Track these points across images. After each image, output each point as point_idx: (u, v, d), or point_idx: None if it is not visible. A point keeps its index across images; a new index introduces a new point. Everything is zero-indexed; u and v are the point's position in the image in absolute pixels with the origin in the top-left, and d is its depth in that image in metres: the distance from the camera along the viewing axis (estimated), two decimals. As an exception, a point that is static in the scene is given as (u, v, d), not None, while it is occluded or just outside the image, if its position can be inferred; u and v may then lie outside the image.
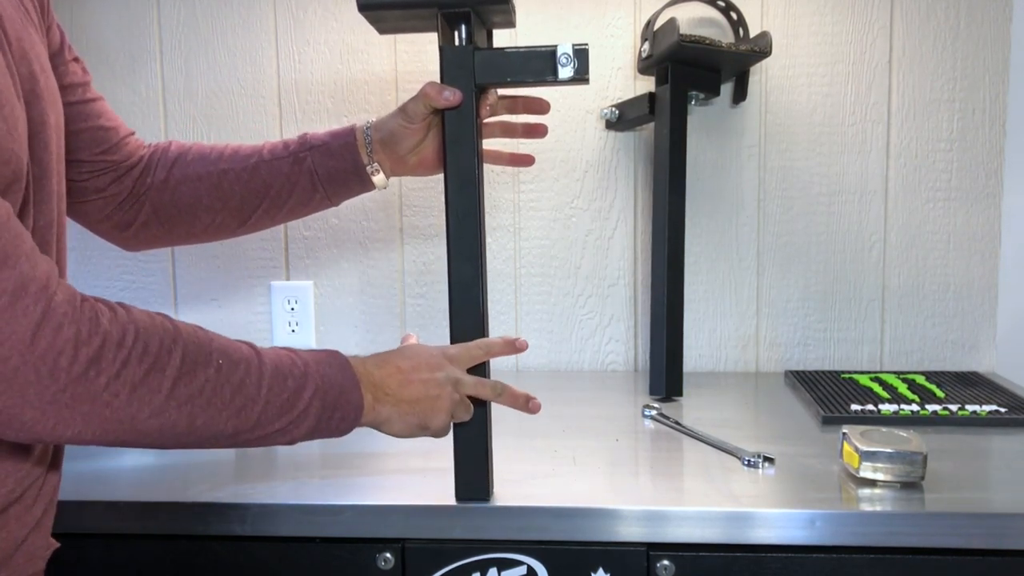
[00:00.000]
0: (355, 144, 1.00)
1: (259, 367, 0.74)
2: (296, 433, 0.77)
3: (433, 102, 0.91)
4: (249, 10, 1.48)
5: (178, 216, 1.01)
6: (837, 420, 1.17)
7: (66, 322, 0.62)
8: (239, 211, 1.02)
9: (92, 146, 0.95)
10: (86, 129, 0.93)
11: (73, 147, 0.93)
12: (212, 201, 1.01)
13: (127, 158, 0.99)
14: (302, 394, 0.76)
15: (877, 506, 0.90)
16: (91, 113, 0.94)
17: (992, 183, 1.43)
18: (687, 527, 0.90)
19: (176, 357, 0.68)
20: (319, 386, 0.78)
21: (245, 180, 1.01)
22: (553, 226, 1.50)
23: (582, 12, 1.45)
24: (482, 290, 0.91)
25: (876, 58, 1.43)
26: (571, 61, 0.90)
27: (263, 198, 1.01)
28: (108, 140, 0.96)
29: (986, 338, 1.46)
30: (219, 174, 1.01)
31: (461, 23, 0.89)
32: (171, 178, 1.00)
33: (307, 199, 1.02)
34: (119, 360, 0.64)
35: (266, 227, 1.06)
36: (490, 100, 0.96)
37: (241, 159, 1.01)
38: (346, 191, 1.03)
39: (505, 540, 0.93)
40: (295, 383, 0.76)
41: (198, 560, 0.96)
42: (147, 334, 0.67)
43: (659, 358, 1.31)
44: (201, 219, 1.02)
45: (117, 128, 0.98)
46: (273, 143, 1.03)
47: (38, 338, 0.61)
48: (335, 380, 0.79)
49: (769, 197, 1.46)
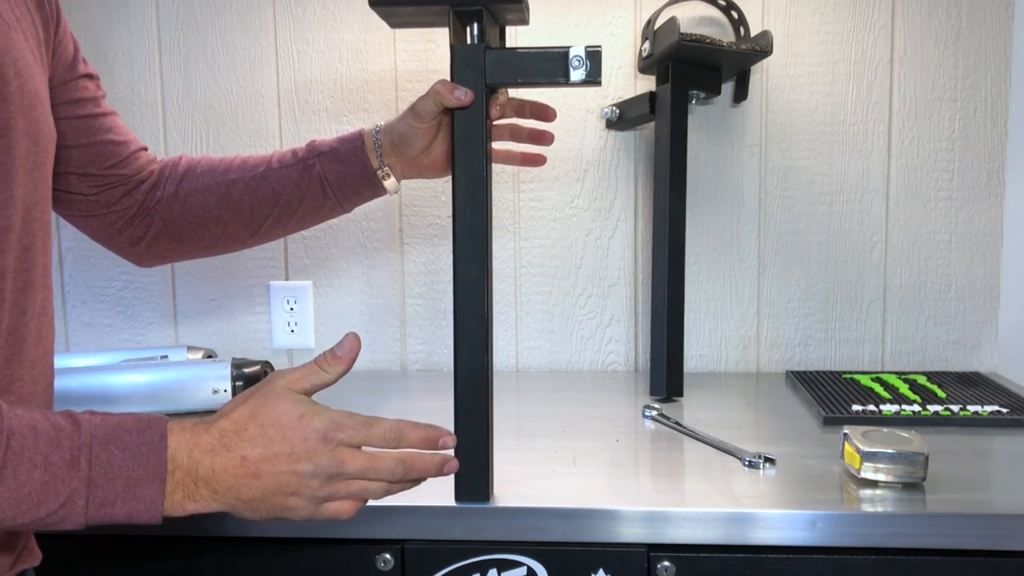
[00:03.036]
0: (363, 148, 1.00)
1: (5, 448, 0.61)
2: (67, 524, 0.64)
3: (444, 100, 0.90)
4: (248, 9, 1.48)
5: (188, 228, 1.02)
6: (838, 420, 1.16)
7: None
8: (249, 221, 1.02)
9: (101, 160, 0.96)
10: (96, 143, 0.94)
11: (83, 161, 0.94)
12: (222, 212, 1.01)
13: (137, 172, 1.00)
14: (55, 487, 0.61)
15: (878, 507, 0.90)
16: (101, 127, 0.95)
17: (994, 183, 1.43)
18: (688, 528, 0.90)
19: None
20: (90, 479, 0.63)
21: (254, 189, 1.01)
22: (553, 226, 1.49)
23: (582, 11, 1.44)
24: (488, 292, 0.91)
25: (877, 57, 1.42)
26: (583, 63, 0.90)
27: (273, 206, 1.01)
28: (118, 154, 0.97)
29: (988, 338, 1.45)
30: (228, 184, 1.01)
31: (473, 21, 0.89)
32: (180, 191, 1.01)
33: (318, 206, 1.02)
34: None
35: (278, 236, 1.06)
36: (501, 100, 0.95)
37: (249, 168, 1.02)
38: (357, 197, 1.03)
39: (505, 541, 0.92)
40: (41, 471, 0.61)
41: (197, 561, 0.96)
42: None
43: (660, 358, 1.31)
44: (211, 230, 1.02)
45: (127, 143, 0.99)
46: (282, 152, 1.03)
47: None
48: (119, 470, 0.63)
49: (770, 197, 1.46)
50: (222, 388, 1.25)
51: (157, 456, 0.64)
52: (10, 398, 0.73)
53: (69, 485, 0.62)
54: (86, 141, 0.93)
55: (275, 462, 0.67)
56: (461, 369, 0.91)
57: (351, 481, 0.71)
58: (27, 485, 0.61)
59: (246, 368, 1.27)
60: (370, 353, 1.53)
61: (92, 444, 0.63)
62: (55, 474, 0.62)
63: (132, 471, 0.64)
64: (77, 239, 1.51)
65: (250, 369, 1.27)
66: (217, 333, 1.54)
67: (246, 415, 0.69)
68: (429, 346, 1.53)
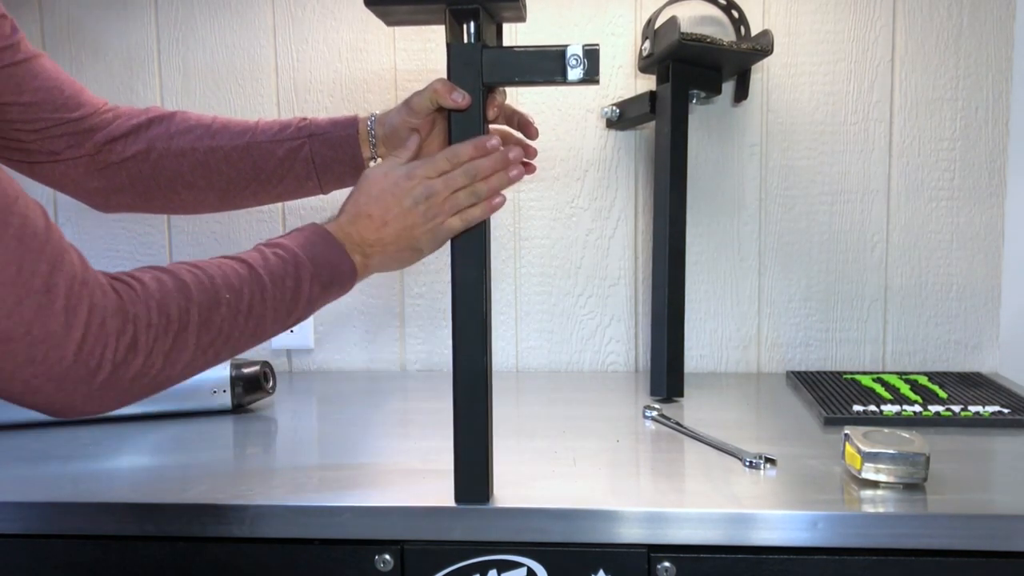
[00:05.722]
0: (357, 137, 0.98)
1: (260, 283, 0.79)
2: (306, 314, 0.85)
3: (441, 100, 0.90)
4: (247, 8, 1.48)
5: (156, 189, 0.98)
6: (839, 421, 1.16)
7: (107, 316, 0.66)
8: (224, 190, 0.99)
9: (35, 110, 0.91)
10: (24, 93, 0.89)
11: (12, 115, 0.89)
12: (195, 178, 0.98)
13: (83, 117, 0.94)
14: (301, 287, 0.82)
15: (879, 508, 0.90)
16: (26, 75, 0.89)
17: (995, 182, 1.42)
18: (688, 528, 0.90)
19: (194, 313, 0.73)
20: (313, 273, 0.83)
21: (234, 160, 0.97)
22: (553, 225, 1.49)
23: (583, 10, 1.44)
24: (486, 292, 0.91)
25: (878, 56, 1.42)
26: (581, 62, 0.89)
27: (251, 180, 0.98)
28: (52, 102, 0.92)
29: (989, 338, 1.45)
30: (206, 151, 0.97)
31: (470, 19, 0.88)
32: (153, 150, 0.96)
33: (298, 186, 1.00)
34: (150, 338, 0.70)
35: (250, 206, 1.04)
36: (498, 101, 0.94)
37: (231, 136, 0.98)
38: (339, 183, 1.01)
39: (505, 542, 0.92)
40: (292, 281, 0.81)
41: (196, 562, 0.95)
42: (166, 304, 0.71)
43: (660, 358, 1.31)
44: (181, 195, 0.99)
45: (60, 86, 0.92)
46: (267, 122, 0.99)
47: (87, 337, 0.65)
48: (325, 258, 0.85)
49: (770, 196, 1.46)
50: (221, 389, 1.24)
51: (333, 239, 0.86)
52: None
53: (304, 285, 0.83)
54: (15, 92, 0.88)
55: (387, 208, 0.87)
56: (460, 369, 0.91)
57: (444, 200, 0.88)
58: (284, 297, 0.81)
59: (245, 369, 1.26)
60: (370, 353, 1.53)
61: (297, 254, 0.83)
62: (295, 281, 0.82)
63: (329, 256, 0.85)
64: (75, 232, 1.51)
65: (249, 370, 1.26)
66: (217, 333, 1.54)
67: (355, 198, 0.89)
68: (429, 346, 1.53)
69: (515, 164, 0.91)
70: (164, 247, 1.53)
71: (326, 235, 0.85)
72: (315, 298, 0.84)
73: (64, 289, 0.64)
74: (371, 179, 0.89)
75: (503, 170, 0.90)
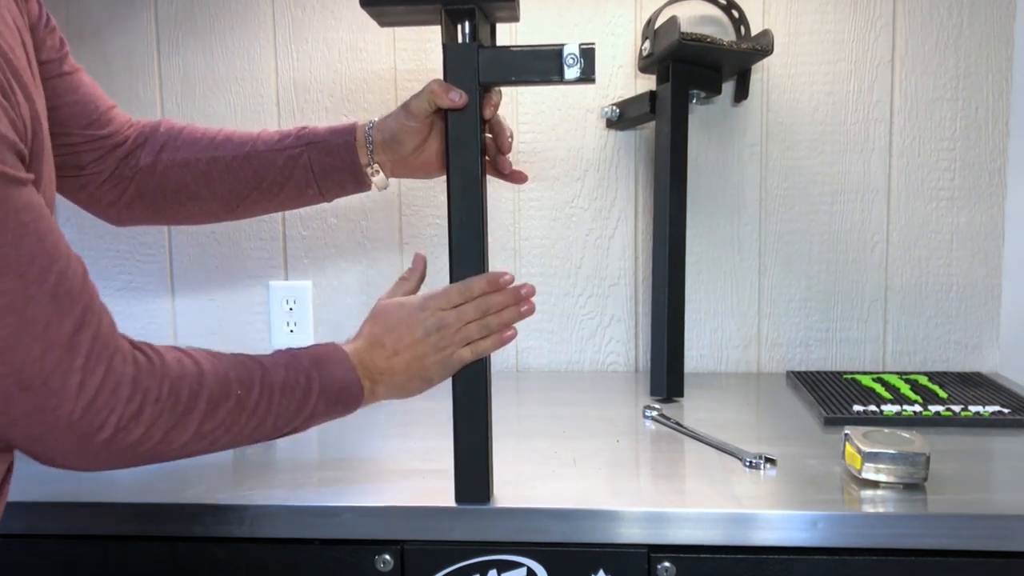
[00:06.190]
0: (355, 144, 0.98)
1: (270, 387, 0.80)
2: (303, 428, 0.85)
3: (438, 100, 0.89)
4: (247, 8, 1.48)
5: (163, 201, 0.99)
6: (839, 421, 1.16)
7: (121, 382, 0.69)
8: (227, 200, 1.00)
9: (70, 122, 0.92)
10: (63, 104, 0.91)
11: (51, 123, 0.88)
12: (199, 189, 0.99)
13: (112, 135, 0.96)
14: (308, 399, 0.83)
15: (879, 508, 0.90)
16: (68, 87, 0.91)
17: (995, 182, 1.42)
18: (688, 528, 0.90)
19: (202, 400, 0.75)
20: (322, 389, 0.84)
21: (235, 169, 0.98)
22: (553, 225, 1.49)
23: (582, 10, 1.44)
24: None
25: (878, 56, 1.42)
26: (577, 61, 0.89)
27: (253, 189, 0.99)
28: (88, 115, 0.93)
29: (989, 338, 1.45)
30: (208, 161, 0.98)
31: (464, 19, 0.88)
32: (159, 162, 0.98)
33: (299, 193, 1.00)
34: (155, 412, 0.71)
35: (255, 215, 1.04)
36: (495, 101, 0.93)
37: (234, 146, 0.99)
38: (341, 190, 1.01)
39: (505, 542, 0.92)
40: (301, 392, 0.83)
41: (196, 562, 0.95)
42: (179, 385, 0.73)
43: (660, 358, 1.31)
44: (186, 206, 1.00)
45: (97, 102, 0.94)
46: (269, 133, 1.00)
47: (98, 398, 0.67)
48: (336, 378, 0.85)
49: (771, 196, 1.46)
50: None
51: (349, 362, 0.87)
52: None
53: (312, 398, 0.84)
54: (54, 104, 0.89)
55: (400, 338, 0.89)
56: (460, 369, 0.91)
57: (455, 331, 0.90)
58: (290, 406, 0.82)
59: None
60: (370, 353, 1.53)
61: (309, 369, 0.85)
62: (304, 392, 0.83)
63: (341, 376, 0.86)
64: (76, 236, 1.51)
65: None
66: (216, 333, 1.54)
67: (370, 326, 0.92)
68: (429, 346, 1.53)
69: (526, 300, 0.92)
70: (164, 247, 1.53)
71: (343, 358, 0.87)
72: (318, 413, 0.85)
73: (86, 348, 0.67)
74: (387, 309, 0.92)
75: (515, 305, 0.92)
